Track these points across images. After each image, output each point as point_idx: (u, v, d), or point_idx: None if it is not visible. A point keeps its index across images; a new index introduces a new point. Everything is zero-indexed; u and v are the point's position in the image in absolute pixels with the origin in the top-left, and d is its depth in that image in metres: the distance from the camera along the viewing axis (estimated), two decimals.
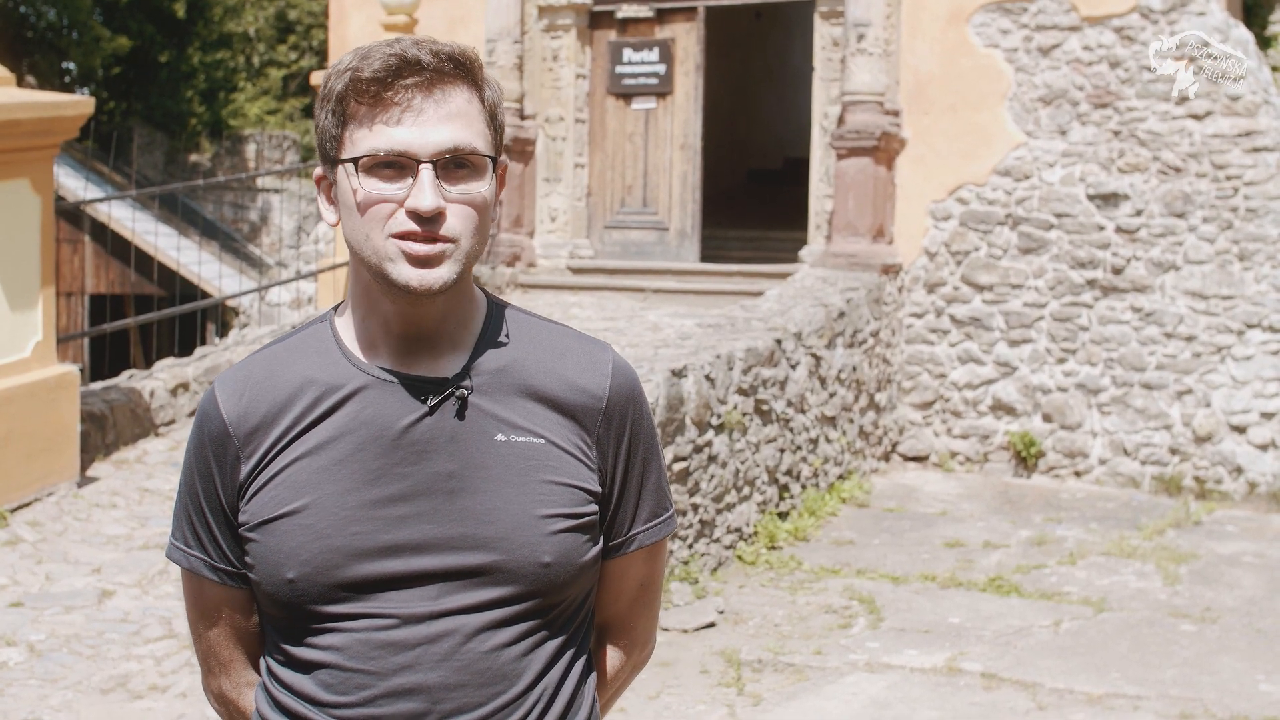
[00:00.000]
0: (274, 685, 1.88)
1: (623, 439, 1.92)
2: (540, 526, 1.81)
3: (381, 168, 1.75)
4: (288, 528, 1.80)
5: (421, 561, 1.79)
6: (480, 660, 1.79)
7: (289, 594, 1.80)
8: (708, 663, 6.36)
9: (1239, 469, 9.97)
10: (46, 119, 7.67)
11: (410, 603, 1.78)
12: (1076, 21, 10.44)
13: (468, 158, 1.77)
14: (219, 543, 1.89)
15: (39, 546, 7.08)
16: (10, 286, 7.54)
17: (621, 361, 1.96)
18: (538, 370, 1.88)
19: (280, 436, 1.83)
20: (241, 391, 1.86)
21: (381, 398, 1.82)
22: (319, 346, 1.88)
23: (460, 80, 1.78)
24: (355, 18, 12.52)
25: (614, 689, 2.08)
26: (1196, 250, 10.10)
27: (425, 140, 1.74)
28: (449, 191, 1.76)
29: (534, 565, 1.80)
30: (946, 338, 10.85)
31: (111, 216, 16.00)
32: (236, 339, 10.48)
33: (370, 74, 1.74)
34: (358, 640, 1.79)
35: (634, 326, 9.81)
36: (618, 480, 1.93)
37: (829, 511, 9.14)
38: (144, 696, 5.55)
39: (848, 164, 10.77)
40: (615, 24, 12.06)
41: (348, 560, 1.78)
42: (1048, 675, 6.25)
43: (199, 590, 1.94)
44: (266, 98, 23.24)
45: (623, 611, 2.04)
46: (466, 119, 1.77)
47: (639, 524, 1.97)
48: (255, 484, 1.83)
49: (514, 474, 1.82)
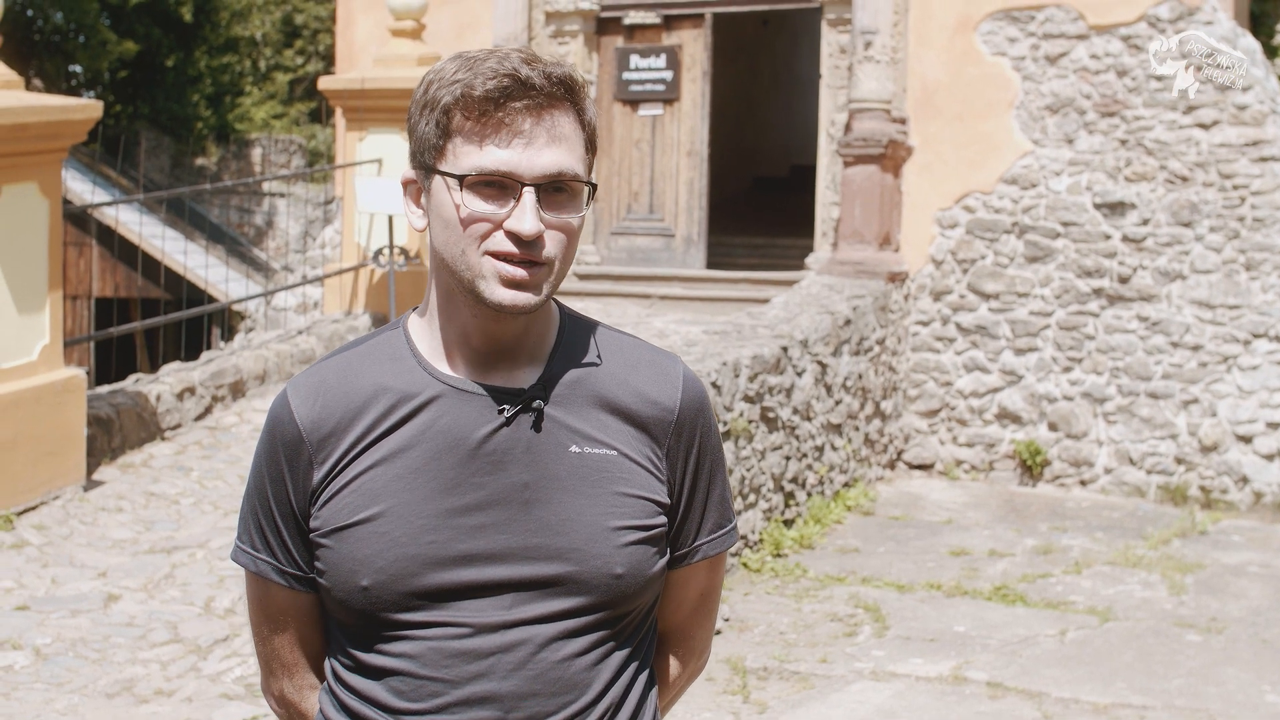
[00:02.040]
0: (341, 690, 1.89)
1: (691, 451, 1.94)
2: (612, 538, 1.83)
3: (484, 186, 1.76)
4: (362, 534, 1.81)
5: (496, 571, 1.80)
6: (552, 670, 1.81)
7: (362, 601, 1.81)
8: (713, 670, 6.36)
9: (1245, 479, 9.96)
10: (54, 123, 7.68)
11: (484, 612, 1.80)
12: (1084, 30, 10.44)
13: (568, 183, 1.79)
14: (288, 547, 1.89)
15: (45, 550, 7.09)
16: (18, 290, 7.55)
17: (691, 374, 1.97)
18: (611, 382, 1.90)
19: (354, 443, 1.84)
20: (315, 397, 1.87)
21: (457, 407, 1.83)
22: (393, 354, 1.89)
23: (567, 104, 1.79)
24: (363, 22, 12.53)
25: (671, 696, 2.10)
26: (1203, 259, 10.10)
27: (531, 164, 1.75)
28: (547, 217, 1.77)
29: (606, 576, 1.82)
30: (952, 346, 10.84)
31: (118, 220, 16.02)
32: (242, 343, 10.49)
33: (482, 91, 1.75)
34: (431, 648, 1.80)
35: (640, 333, 9.81)
36: (685, 492, 1.95)
37: (834, 519, 9.13)
38: (149, 701, 5.55)
39: (854, 171, 10.77)
40: (622, 30, 12.07)
41: (423, 568, 1.79)
42: (1053, 685, 6.24)
43: (265, 594, 1.95)
44: (273, 102, 23.28)
45: (683, 621, 2.06)
46: (570, 144, 1.79)
47: (704, 535, 2.00)
48: (328, 490, 1.84)
49: (587, 485, 1.84)
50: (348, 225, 11.09)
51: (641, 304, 11.33)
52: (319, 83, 11.60)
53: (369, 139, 10.86)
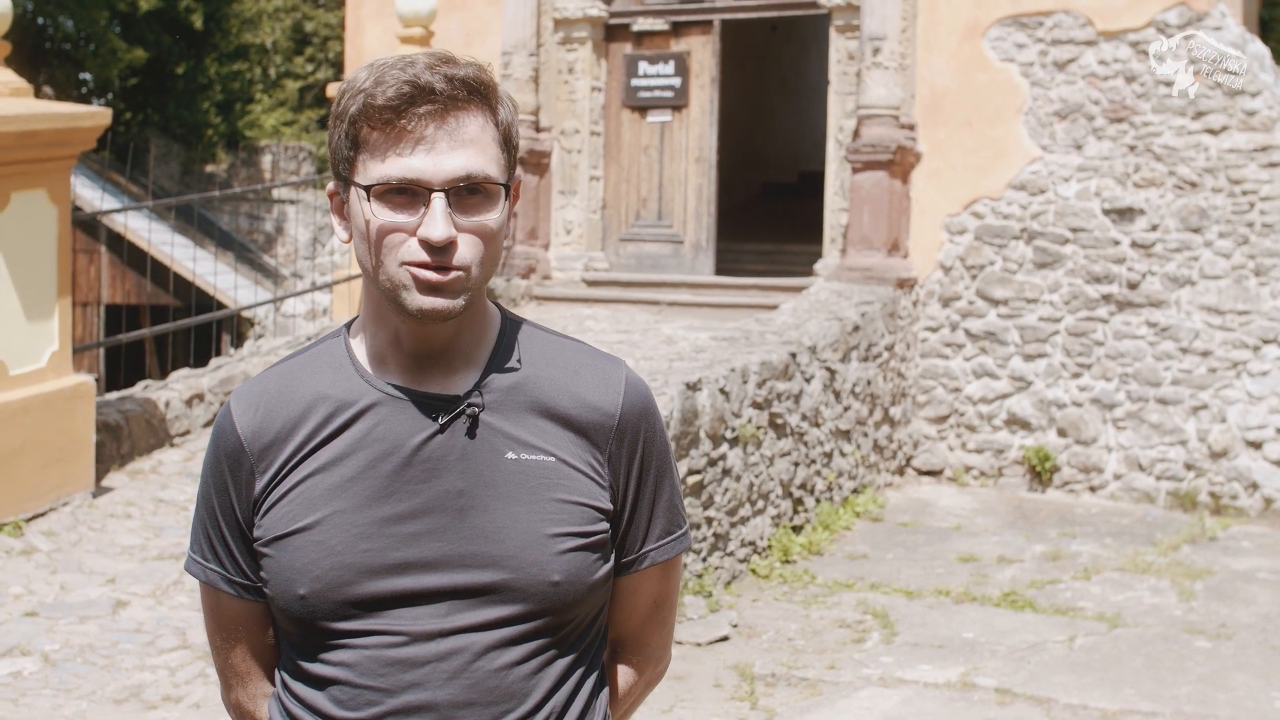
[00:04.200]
0: (288, 698, 1.89)
1: (635, 456, 1.92)
2: (549, 545, 1.81)
3: (394, 194, 1.76)
4: (300, 544, 1.81)
5: (431, 579, 1.79)
6: (489, 678, 1.80)
7: (301, 610, 1.81)
8: (721, 676, 6.35)
9: (1254, 485, 9.94)
10: (64, 130, 7.70)
11: (420, 620, 1.79)
12: (1092, 36, 10.43)
13: (481, 185, 1.77)
14: (235, 557, 1.90)
15: (54, 556, 7.10)
16: (27, 297, 7.57)
17: (635, 378, 1.95)
18: (550, 387, 1.88)
19: (294, 452, 1.84)
20: (256, 406, 1.87)
21: (393, 415, 1.83)
22: (332, 362, 1.89)
23: (474, 105, 1.78)
24: (371, 30, 12.56)
25: (627, 705, 2.07)
26: (1212, 265, 10.08)
27: (438, 169, 1.74)
28: (460, 221, 1.76)
29: (543, 584, 1.81)
30: (961, 352, 10.83)
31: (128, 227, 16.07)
32: (252, 350, 10.50)
33: (383, 101, 1.74)
34: (367, 657, 1.80)
35: (648, 339, 9.81)
36: (629, 497, 1.93)
37: (843, 525, 9.12)
38: (158, 707, 5.56)
39: (863, 178, 10.77)
40: (631, 37, 12.08)
41: (358, 577, 1.79)
42: (1062, 691, 6.23)
43: (216, 603, 1.96)
44: (283, 109, 23.33)
45: (636, 628, 2.04)
46: (480, 146, 1.77)
47: (651, 541, 1.97)
48: (269, 499, 1.84)
49: (524, 492, 1.82)
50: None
51: (650, 310, 11.34)
52: (328, 90, 11.63)
53: None
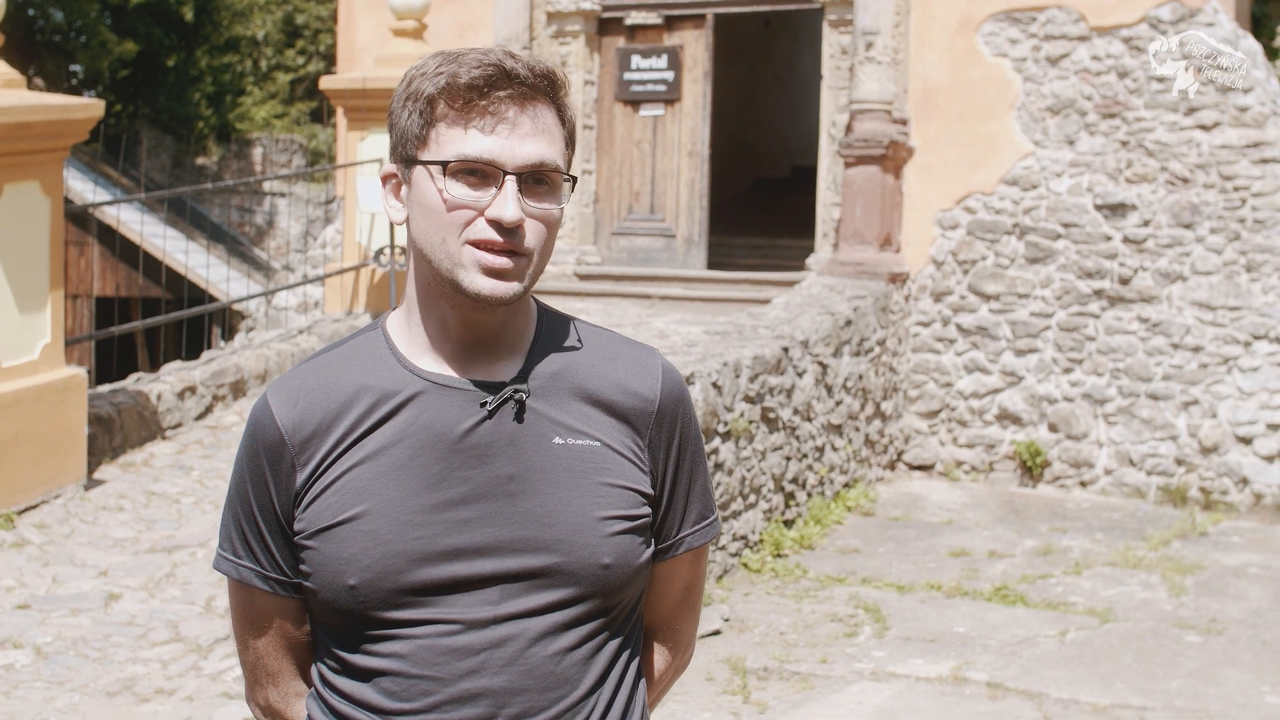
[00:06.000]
0: (329, 693, 1.88)
1: (673, 442, 1.95)
2: (600, 528, 1.83)
3: (466, 174, 1.77)
4: (348, 534, 1.80)
5: (483, 565, 1.79)
6: (543, 664, 1.80)
7: (350, 601, 1.80)
8: (713, 670, 6.36)
9: (1245, 480, 9.96)
10: (56, 122, 7.69)
11: (473, 607, 1.79)
12: (1085, 31, 10.44)
13: (549, 175, 1.79)
14: (271, 552, 1.89)
15: (46, 549, 7.09)
16: (19, 289, 7.55)
17: (670, 366, 1.98)
18: (591, 374, 1.90)
19: (336, 443, 1.83)
20: (296, 399, 1.86)
21: (438, 403, 1.83)
22: (372, 353, 1.89)
23: (549, 99, 1.81)
24: (364, 23, 12.53)
25: (658, 691, 2.10)
26: (1204, 261, 10.10)
27: (514, 153, 1.76)
28: (529, 206, 1.78)
29: (594, 567, 1.82)
30: (953, 347, 10.85)
31: (119, 219, 16.02)
32: (243, 343, 10.49)
33: (468, 79, 1.76)
34: (421, 646, 1.79)
35: (641, 334, 9.81)
36: (668, 483, 1.95)
37: (835, 520, 9.13)
38: (150, 700, 5.56)
39: (855, 172, 10.77)
40: (624, 30, 12.08)
41: (410, 565, 1.78)
42: (1053, 685, 6.25)
43: (248, 601, 1.94)
44: (274, 102, 23.27)
45: (668, 614, 2.06)
46: (551, 137, 1.80)
47: (687, 526, 2.00)
48: (312, 491, 1.83)
49: (572, 476, 1.83)
50: (348, 225, 11.09)
51: (642, 304, 11.34)
52: (320, 82, 11.61)
53: (370, 139, 10.87)
